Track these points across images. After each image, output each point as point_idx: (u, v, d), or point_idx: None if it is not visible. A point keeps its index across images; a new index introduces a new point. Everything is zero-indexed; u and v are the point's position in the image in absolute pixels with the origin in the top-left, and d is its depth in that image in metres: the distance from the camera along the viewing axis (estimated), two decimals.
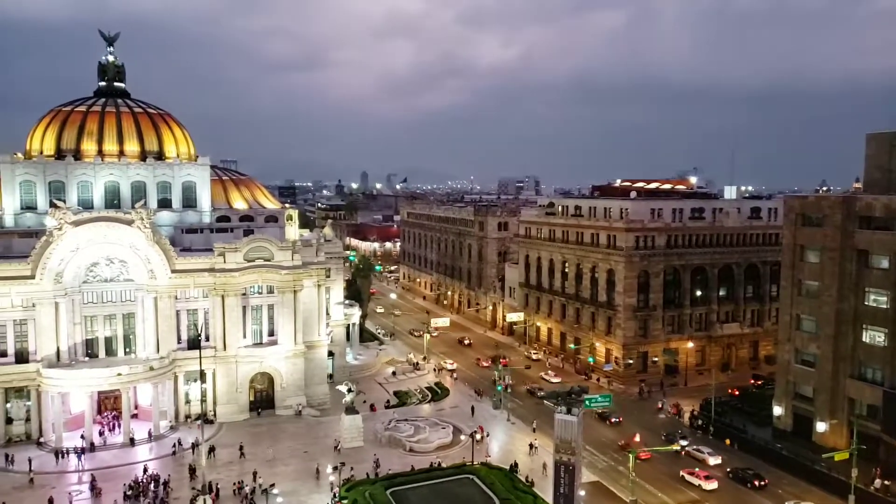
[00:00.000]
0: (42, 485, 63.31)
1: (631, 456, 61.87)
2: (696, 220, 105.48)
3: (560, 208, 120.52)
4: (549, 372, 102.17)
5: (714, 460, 70.32)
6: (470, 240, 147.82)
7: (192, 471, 64.58)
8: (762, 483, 64.85)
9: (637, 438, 73.20)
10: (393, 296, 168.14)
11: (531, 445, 73.65)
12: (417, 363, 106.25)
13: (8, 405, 73.90)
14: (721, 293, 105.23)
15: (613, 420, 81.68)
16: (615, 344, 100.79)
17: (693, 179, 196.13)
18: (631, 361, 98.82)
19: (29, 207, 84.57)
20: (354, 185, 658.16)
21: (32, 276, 73.18)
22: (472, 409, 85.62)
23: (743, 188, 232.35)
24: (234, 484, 62.26)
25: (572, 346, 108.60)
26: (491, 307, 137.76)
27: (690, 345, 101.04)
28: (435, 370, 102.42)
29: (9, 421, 73.94)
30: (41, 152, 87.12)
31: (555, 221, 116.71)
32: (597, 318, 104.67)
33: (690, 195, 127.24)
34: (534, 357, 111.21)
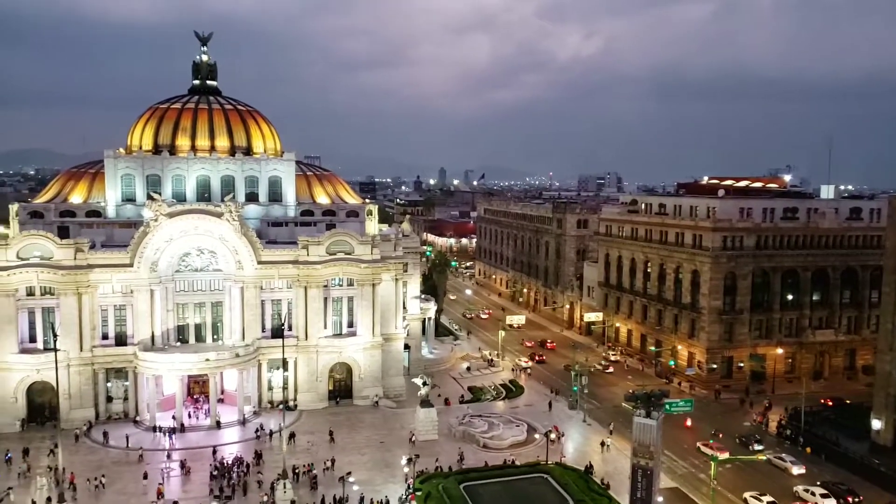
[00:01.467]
0: (137, 461, 67.20)
1: (713, 464, 59.56)
2: (788, 220, 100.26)
3: (643, 206, 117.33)
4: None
5: (798, 470, 67.24)
6: (548, 237, 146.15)
7: (259, 455, 67.05)
8: (856, 500, 61.10)
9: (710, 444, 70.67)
10: (468, 292, 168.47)
11: (603, 443, 72.41)
12: (492, 360, 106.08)
13: (109, 384, 78.87)
14: (814, 298, 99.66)
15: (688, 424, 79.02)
16: (698, 347, 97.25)
17: (786, 178, 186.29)
18: (715, 366, 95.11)
19: (129, 200, 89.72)
20: (432, 182, 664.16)
21: (131, 265, 77.68)
22: (550, 404, 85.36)
23: (842, 187, 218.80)
24: (304, 466, 64.17)
25: (653, 348, 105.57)
26: (568, 306, 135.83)
27: (779, 351, 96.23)
28: (515, 370, 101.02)
29: (109, 399, 78.91)
30: (140, 147, 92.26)
31: (637, 219, 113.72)
32: (680, 320, 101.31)
33: (783, 194, 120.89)
34: (612, 358, 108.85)
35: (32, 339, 76.43)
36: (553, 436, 70.94)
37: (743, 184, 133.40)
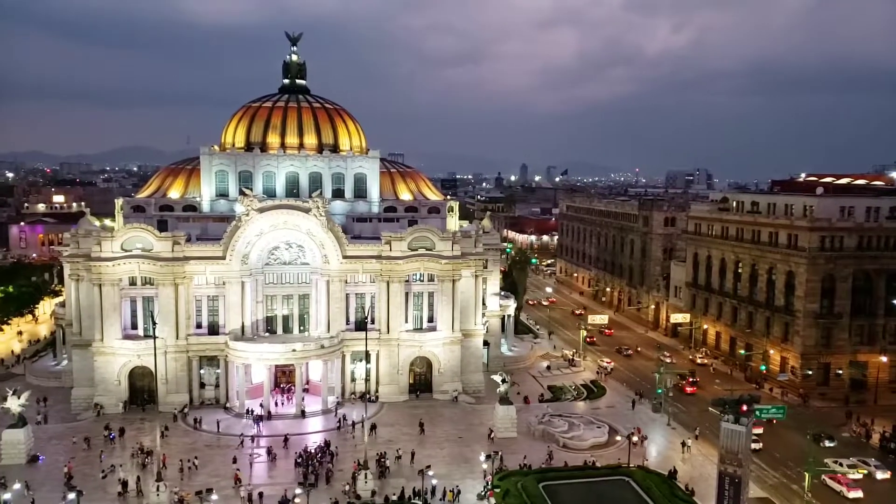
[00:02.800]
0: (227, 445, 70.39)
1: (807, 475, 56.35)
2: (895, 219, 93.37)
3: (734, 204, 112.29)
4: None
5: (882, 474, 63.97)
6: (633, 235, 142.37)
7: (327, 445, 68.65)
8: None
9: None
10: (549, 289, 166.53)
11: (684, 444, 69.99)
12: (573, 359, 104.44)
13: (202, 371, 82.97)
14: None
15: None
16: (792, 352, 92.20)
17: (894, 175, 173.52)
18: (810, 372, 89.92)
19: (222, 195, 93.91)
20: (513, 178, 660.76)
21: (223, 257, 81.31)
22: (633, 405, 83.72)
23: None
24: (378, 454, 65.30)
25: (742, 352, 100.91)
26: (653, 306, 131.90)
27: (883, 359, 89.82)
28: (599, 373, 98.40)
29: (202, 385, 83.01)
30: (233, 145, 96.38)
31: (728, 218, 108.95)
32: (772, 323, 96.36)
33: (890, 192, 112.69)
34: (699, 361, 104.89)
35: (134, 327, 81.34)
36: (635, 438, 69.09)
37: (844, 181, 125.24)
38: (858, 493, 60.60)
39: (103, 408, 78.62)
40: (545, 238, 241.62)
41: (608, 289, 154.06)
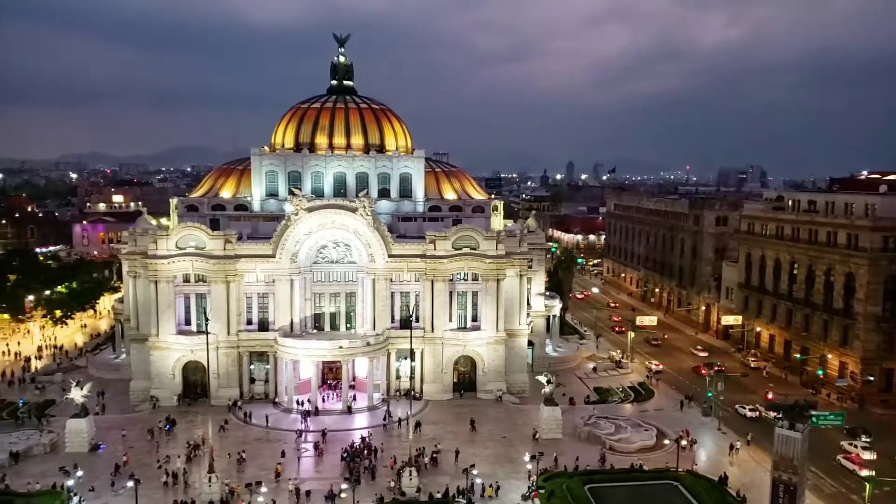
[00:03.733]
0: (276, 439, 71.91)
1: (868, 486, 54.24)
2: None
3: (790, 203, 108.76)
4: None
5: None
6: (683, 234, 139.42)
7: (364, 440, 69.16)
8: None
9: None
10: (595, 290, 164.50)
11: (732, 446, 68.37)
12: (620, 361, 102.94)
13: (252, 367, 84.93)
14: None
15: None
16: (852, 357, 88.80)
17: None
18: (871, 378, 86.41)
19: (272, 195, 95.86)
20: (559, 176, 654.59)
21: (273, 256, 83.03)
22: (682, 404, 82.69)
23: None
24: (416, 450, 65.62)
25: (798, 356, 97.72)
26: (704, 308, 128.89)
27: None
28: (649, 377, 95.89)
29: (252, 381, 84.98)
30: (283, 146, 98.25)
31: (784, 217, 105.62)
32: (830, 326, 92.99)
33: None
34: (752, 365, 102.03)
35: (188, 322, 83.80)
36: (684, 442, 67.68)
37: None
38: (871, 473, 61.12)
39: (159, 400, 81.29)
40: (592, 237, 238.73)
41: (657, 290, 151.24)
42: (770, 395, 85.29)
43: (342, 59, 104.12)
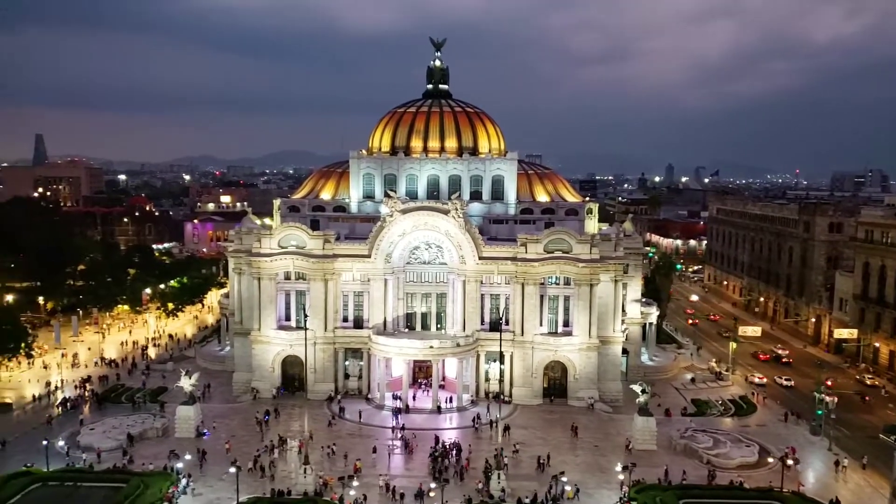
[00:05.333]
0: (368, 435, 73.69)
1: None
2: None
3: None
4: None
5: None
6: (791, 241, 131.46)
7: (442, 441, 69.10)
8: None
9: None
10: (695, 297, 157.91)
11: (837, 463, 63.75)
12: (720, 372, 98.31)
13: (346, 363, 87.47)
14: None
15: None
16: None
17: None
18: None
19: (368, 197, 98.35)
20: (658, 179, 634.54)
21: (369, 256, 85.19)
22: (786, 416, 79.20)
23: None
24: (495, 449, 65.23)
25: None
26: (813, 320, 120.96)
27: None
28: (754, 393, 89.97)
29: (346, 376, 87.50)
30: (379, 149, 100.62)
31: None
32: None
33: None
34: (868, 382, 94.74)
35: (287, 318, 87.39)
36: (790, 461, 63.76)
37: None
38: None
39: (259, 392, 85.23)
40: (692, 243, 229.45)
41: (762, 299, 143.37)
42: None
43: (438, 63, 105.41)
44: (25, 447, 68.67)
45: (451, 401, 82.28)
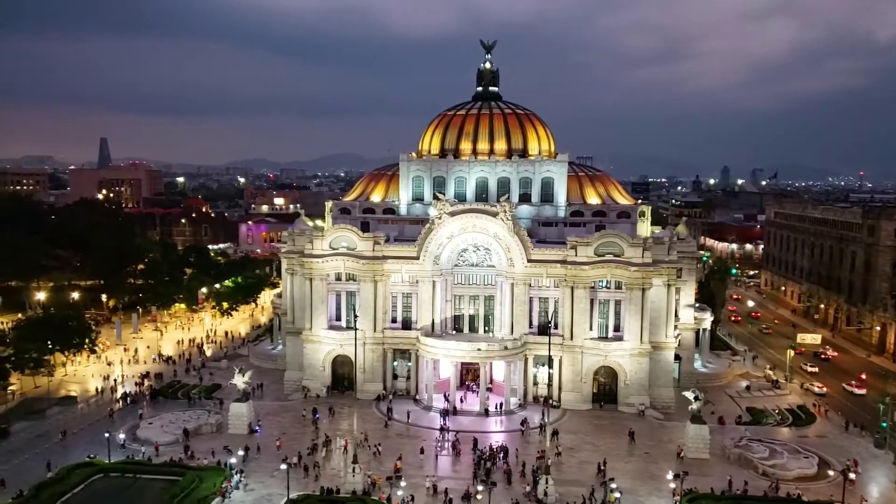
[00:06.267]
0: (415, 436, 74.08)
1: None
2: None
3: None
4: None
5: None
6: (854, 246, 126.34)
7: (489, 444, 68.42)
8: None
9: None
10: (751, 303, 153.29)
11: None
12: (777, 381, 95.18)
13: (395, 363, 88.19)
14: None
15: None
16: None
17: None
18: None
19: (417, 199, 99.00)
20: (713, 181, 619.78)
21: (417, 257, 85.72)
22: (847, 425, 76.40)
23: None
24: (538, 452, 64.76)
25: None
26: (878, 328, 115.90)
27: None
28: (817, 406, 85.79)
29: (394, 377, 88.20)
30: (429, 152, 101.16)
31: None
32: None
33: None
34: None
35: (338, 318, 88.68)
36: (852, 475, 61.22)
37: None
38: None
39: (310, 390, 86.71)
40: (748, 247, 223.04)
41: (822, 305, 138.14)
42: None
43: (488, 65, 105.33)
44: (89, 438, 71.70)
45: (499, 405, 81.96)
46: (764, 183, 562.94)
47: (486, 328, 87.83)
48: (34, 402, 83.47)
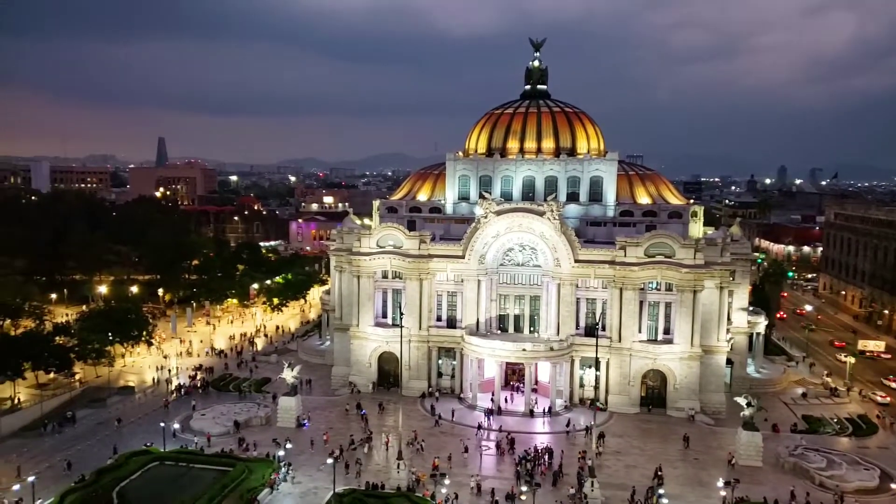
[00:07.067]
0: (459, 434, 74.12)
1: None
2: None
3: None
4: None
5: None
6: None
7: (534, 445, 67.75)
8: None
9: None
10: (808, 307, 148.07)
11: None
12: (836, 389, 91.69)
13: (439, 362, 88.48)
14: None
15: None
16: None
17: None
18: None
19: (463, 198, 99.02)
20: (768, 181, 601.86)
21: (463, 256, 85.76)
22: None
23: None
24: (580, 453, 64.19)
25: None
26: None
27: None
28: (882, 417, 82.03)
29: (439, 375, 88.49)
30: (475, 150, 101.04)
31: None
32: None
33: None
34: None
35: (384, 315, 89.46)
36: None
37: None
38: None
39: (356, 386, 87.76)
40: (805, 249, 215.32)
41: (885, 311, 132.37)
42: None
43: (536, 63, 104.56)
44: (146, 427, 74.35)
45: (542, 404, 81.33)
46: (824, 183, 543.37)
47: (532, 328, 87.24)
48: (96, 391, 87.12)
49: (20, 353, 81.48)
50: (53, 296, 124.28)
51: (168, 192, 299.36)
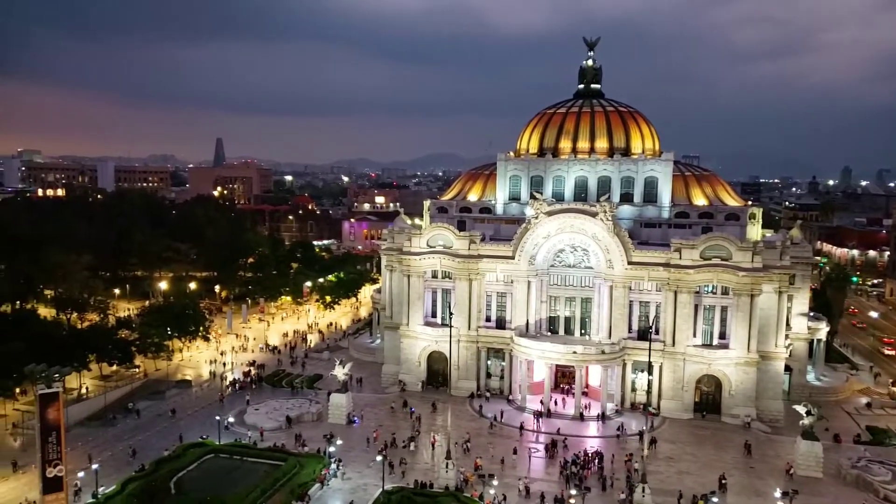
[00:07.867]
0: (507, 435, 73.91)
1: None
2: None
3: None
4: None
5: None
6: None
7: (584, 448, 66.63)
8: None
9: None
10: (874, 314, 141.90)
11: None
12: None
13: (488, 362, 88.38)
14: None
15: None
16: None
17: None
18: None
19: (514, 198, 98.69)
20: (832, 182, 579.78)
21: (512, 257, 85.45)
22: None
23: None
24: (626, 455, 63.42)
25: None
26: None
27: None
28: None
29: (488, 375, 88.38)
30: (527, 151, 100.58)
31: None
32: None
33: None
34: None
35: (434, 315, 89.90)
36: None
37: None
38: None
39: (406, 385, 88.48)
40: (871, 253, 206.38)
41: None
42: None
43: (590, 62, 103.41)
44: (202, 420, 76.64)
45: (593, 408, 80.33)
46: (892, 185, 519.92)
47: (583, 331, 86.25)
48: (155, 384, 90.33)
49: (86, 345, 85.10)
50: (116, 291, 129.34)
51: (225, 192, 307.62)
